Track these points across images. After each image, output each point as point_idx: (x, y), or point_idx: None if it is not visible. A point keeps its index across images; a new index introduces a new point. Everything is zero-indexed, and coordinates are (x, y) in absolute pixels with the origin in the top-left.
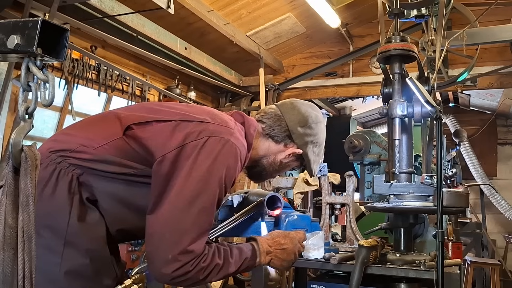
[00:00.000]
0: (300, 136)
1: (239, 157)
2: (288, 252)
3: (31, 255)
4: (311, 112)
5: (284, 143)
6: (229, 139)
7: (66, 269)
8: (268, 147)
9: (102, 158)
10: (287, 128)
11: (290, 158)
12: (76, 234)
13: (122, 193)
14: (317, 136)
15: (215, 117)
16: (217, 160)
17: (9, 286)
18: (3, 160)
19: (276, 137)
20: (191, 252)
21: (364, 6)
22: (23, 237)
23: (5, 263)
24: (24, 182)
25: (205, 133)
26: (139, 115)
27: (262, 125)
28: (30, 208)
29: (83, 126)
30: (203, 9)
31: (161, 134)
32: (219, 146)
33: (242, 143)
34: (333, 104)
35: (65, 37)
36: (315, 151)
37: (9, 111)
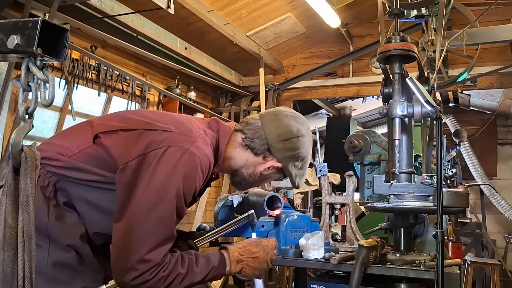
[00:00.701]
0: (280, 151)
1: (198, 167)
2: (260, 260)
3: (31, 255)
4: (293, 125)
5: (263, 155)
6: (189, 148)
7: (52, 261)
8: (247, 159)
9: (75, 166)
10: (266, 141)
11: (270, 171)
12: (57, 233)
13: (95, 199)
14: (298, 150)
15: (180, 125)
16: (175, 170)
17: (9, 286)
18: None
19: (255, 150)
20: (149, 261)
21: (364, 6)
22: (23, 237)
23: (5, 263)
24: (24, 182)
25: (165, 142)
26: (108, 123)
27: (242, 136)
28: (30, 208)
29: (62, 135)
30: (203, 9)
31: (125, 142)
32: (178, 156)
33: (204, 152)
34: (333, 104)
35: (65, 37)
36: (297, 164)
37: (9, 111)
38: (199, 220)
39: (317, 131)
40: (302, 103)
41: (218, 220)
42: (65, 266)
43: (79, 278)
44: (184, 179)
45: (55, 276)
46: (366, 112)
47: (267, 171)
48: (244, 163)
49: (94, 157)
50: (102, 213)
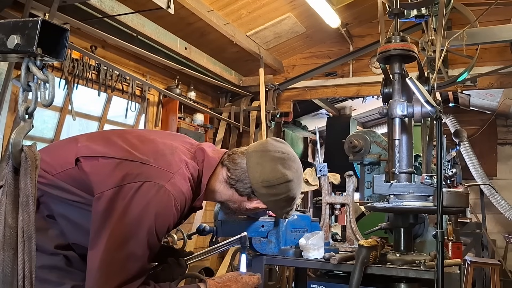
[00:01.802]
0: (264, 196)
1: (173, 204)
2: None
3: (31, 255)
4: (278, 171)
5: (247, 196)
6: (164, 185)
7: (40, 264)
8: (232, 195)
9: (58, 185)
10: (250, 185)
11: (255, 205)
12: (42, 242)
13: (76, 218)
14: (283, 195)
15: (160, 158)
16: (148, 208)
17: (9, 286)
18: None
19: (239, 191)
20: None
21: (364, 6)
22: (23, 237)
23: (5, 263)
24: (24, 182)
25: (141, 177)
26: (90, 147)
27: (228, 173)
28: (30, 208)
29: (49, 150)
30: (203, 9)
31: (103, 170)
32: (153, 192)
33: (180, 189)
34: (333, 104)
35: (65, 37)
36: (283, 205)
37: (9, 111)
38: (199, 220)
39: (317, 131)
40: (302, 103)
41: (218, 220)
42: (53, 268)
43: (68, 277)
44: (157, 217)
45: (44, 277)
46: (366, 112)
47: (253, 207)
48: (229, 198)
49: (75, 179)
50: (81, 230)
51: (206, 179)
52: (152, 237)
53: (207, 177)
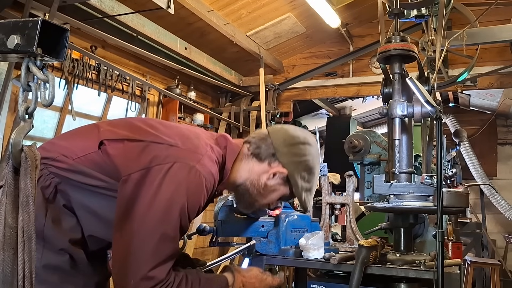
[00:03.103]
0: (285, 155)
1: (203, 185)
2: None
3: (31, 255)
4: (300, 133)
5: (268, 161)
6: (195, 165)
7: (45, 263)
8: (252, 168)
9: (79, 169)
10: (272, 145)
11: (275, 180)
12: (52, 236)
13: (96, 206)
14: (305, 157)
15: (186, 141)
16: (180, 188)
17: (9, 286)
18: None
19: (260, 155)
20: (152, 279)
21: (364, 6)
22: (23, 237)
23: (5, 263)
24: (24, 182)
25: (171, 158)
26: (114, 131)
27: (248, 146)
28: (30, 208)
29: (67, 136)
30: (203, 9)
31: (129, 153)
32: (184, 173)
33: (209, 170)
34: (333, 104)
35: (65, 37)
36: (304, 175)
37: (9, 111)
38: (199, 219)
39: (317, 131)
40: (302, 103)
41: (218, 220)
42: (57, 269)
43: (70, 282)
44: (189, 197)
45: (46, 278)
46: (366, 112)
47: (272, 180)
48: (248, 173)
49: (98, 163)
50: (101, 221)
51: (231, 164)
52: (184, 218)
53: (231, 162)
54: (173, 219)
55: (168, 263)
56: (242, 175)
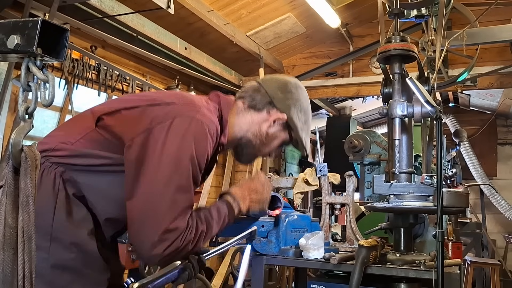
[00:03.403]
0: (281, 100)
1: (207, 132)
2: (260, 192)
3: (31, 255)
4: (289, 79)
5: (266, 110)
6: (195, 116)
7: (53, 263)
8: (251, 119)
9: (80, 152)
10: (267, 94)
11: (276, 128)
12: (62, 230)
13: (104, 185)
14: (299, 100)
15: (181, 98)
16: (185, 139)
17: (9, 286)
18: (3, 160)
19: (258, 106)
20: (176, 229)
21: (364, 6)
22: (23, 237)
23: (5, 263)
24: (24, 182)
25: (170, 115)
26: (109, 106)
27: (242, 100)
28: (30, 208)
29: (63, 126)
30: (203, 9)
31: (129, 120)
32: (185, 125)
33: (210, 119)
34: (333, 104)
35: (65, 37)
36: (301, 117)
37: (9, 111)
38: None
39: (317, 131)
40: None
41: None
42: (65, 268)
43: (79, 282)
44: (196, 146)
45: (54, 279)
46: (366, 112)
47: (272, 127)
48: (248, 125)
49: (98, 141)
50: (114, 200)
51: (227, 114)
52: (195, 166)
53: (227, 112)
54: (185, 169)
55: (186, 212)
56: (242, 127)
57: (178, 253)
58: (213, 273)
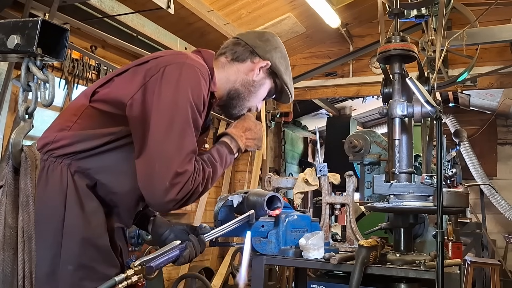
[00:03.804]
0: (262, 48)
1: (200, 74)
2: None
3: (31, 255)
4: (265, 30)
5: (249, 60)
6: (185, 61)
7: (65, 259)
8: (237, 70)
9: (79, 137)
10: (247, 45)
11: (261, 75)
12: (74, 225)
13: (115, 162)
14: (278, 46)
15: (168, 51)
16: (179, 84)
17: (9, 286)
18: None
19: (241, 57)
20: (185, 172)
21: (364, 6)
22: (23, 237)
23: (5, 263)
24: (24, 182)
25: (161, 65)
26: (100, 80)
27: (224, 56)
28: (30, 208)
29: (59, 115)
30: (203, 9)
31: (123, 83)
32: (177, 71)
33: (200, 63)
34: (333, 104)
35: (65, 37)
36: (282, 62)
37: (9, 111)
38: (199, 219)
39: (317, 131)
40: (302, 103)
41: (218, 220)
42: (78, 264)
43: (91, 278)
44: (191, 89)
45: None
46: (366, 112)
47: (258, 75)
48: (235, 76)
49: (95, 116)
50: (127, 176)
51: (211, 64)
52: (193, 109)
53: (211, 63)
54: (184, 114)
55: (192, 155)
56: (230, 79)
57: (191, 196)
58: (213, 273)
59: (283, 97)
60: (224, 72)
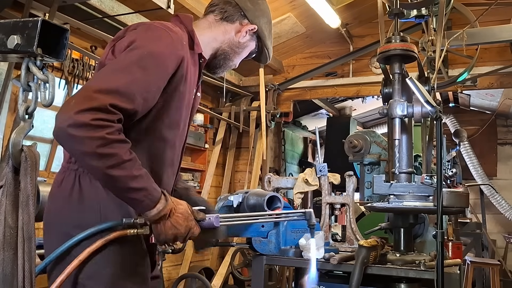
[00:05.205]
0: (252, 11)
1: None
2: (177, 232)
3: (31, 255)
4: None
5: (238, 21)
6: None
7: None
8: (225, 30)
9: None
10: (238, 6)
11: (247, 37)
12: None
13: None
14: (265, 11)
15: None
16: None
17: (9, 286)
18: (3, 160)
19: (230, 17)
20: (94, 99)
21: (364, 6)
22: (23, 237)
23: (5, 263)
24: (24, 182)
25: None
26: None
27: (214, 14)
28: (30, 208)
29: None
30: (203, 9)
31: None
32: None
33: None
34: (333, 104)
35: (65, 37)
36: (267, 27)
37: (9, 111)
38: None
39: (317, 131)
40: (302, 103)
41: None
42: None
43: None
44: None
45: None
46: (366, 112)
47: (244, 37)
48: (223, 36)
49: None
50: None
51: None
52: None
53: (190, 25)
54: (134, 56)
55: (114, 96)
56: (217, 38)
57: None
58: (213, 273)
59: (262, 58)
60: (212, 32)
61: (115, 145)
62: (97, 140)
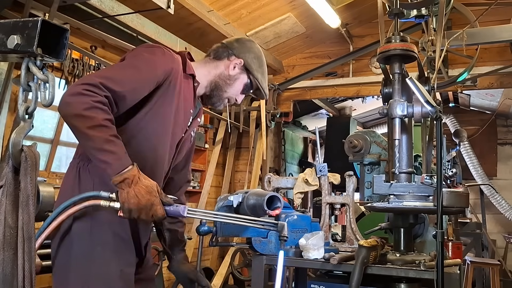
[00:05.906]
0: (237, 48)
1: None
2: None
3: (31, 255)
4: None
5: (227, 58)
6: (153, 44)
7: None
8: (216, 65)
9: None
10: (226, 47)
11: (236, 70)
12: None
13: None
14: (252, 48)
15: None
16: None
17: (9, 286)
18: (3, 160)
19: (220, 55)
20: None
21: (364, 6)
22: (23, 237)
23: (5, 263)
24: (24, 182)
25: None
26: None
27: (208, 57)
28: (30, 208)
29: None
30: (203, 9)
31: None
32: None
33: (163, 47)
34: (333, 104)
35: (65, 37)
36: (255, 62)
37: (9, 111)
38: (199, 220)
39: (317, 131)
40: (302, 103)
41: None
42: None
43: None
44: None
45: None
46: (366, 112)
47: (234, 70)
48: (214, 70)
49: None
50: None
51: (185, 55)
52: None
53: (184, 54)
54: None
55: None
56: (211, 72)
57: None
58: (213, 273)
59: (258, 94)
60: (206, 67)
61: (97, 110)
62: (83, 104)
